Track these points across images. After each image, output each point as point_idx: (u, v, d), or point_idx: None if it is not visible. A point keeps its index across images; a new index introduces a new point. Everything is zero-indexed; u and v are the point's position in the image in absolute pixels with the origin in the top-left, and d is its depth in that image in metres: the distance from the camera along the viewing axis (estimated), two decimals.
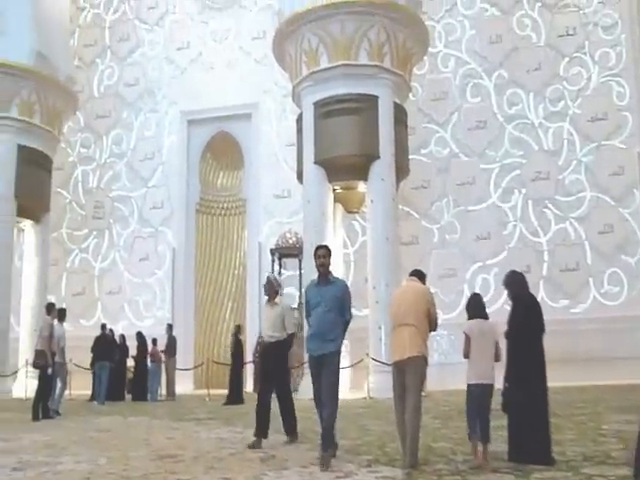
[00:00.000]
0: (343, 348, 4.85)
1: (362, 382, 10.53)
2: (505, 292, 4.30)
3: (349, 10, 11.23)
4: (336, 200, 12.17)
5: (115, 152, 16.42)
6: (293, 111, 13.28)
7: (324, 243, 5.24)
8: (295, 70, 12.04)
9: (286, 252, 13.51)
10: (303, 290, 12.48)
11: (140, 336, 12.37)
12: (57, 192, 15.92)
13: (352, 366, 10.76)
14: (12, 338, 13.67)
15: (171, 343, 12.36)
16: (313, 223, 11.52)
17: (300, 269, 12.81)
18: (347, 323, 4.73)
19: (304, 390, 8.54)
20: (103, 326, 12.39)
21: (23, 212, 14.38)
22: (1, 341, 13.29)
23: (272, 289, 5.86)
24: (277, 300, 5.85)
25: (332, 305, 4.65)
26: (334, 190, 11.95)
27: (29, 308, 14.37)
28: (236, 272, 15.83)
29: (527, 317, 4.06)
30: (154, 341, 12.38)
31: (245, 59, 15.46)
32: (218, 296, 15.75)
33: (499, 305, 9.69)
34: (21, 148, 14.20)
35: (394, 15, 11.49)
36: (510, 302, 4.17)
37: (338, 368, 4.63)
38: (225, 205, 15.97)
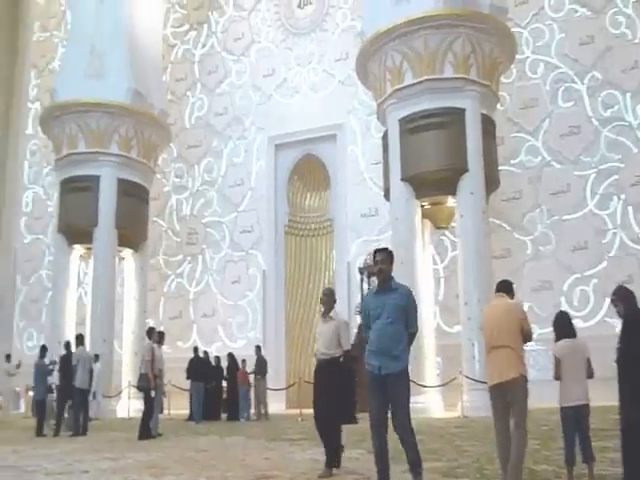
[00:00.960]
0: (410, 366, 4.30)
1: (456, 401, 10.23)
2: (610, 305, 4.00)
3: (432, 24, 11.10)
4: (424, 216, 11.99)
5: (206, 180, 16.97)
6: (378, 129, 13.28)
7: (383, 246, 4.67)
8: (379, 88, 12.03)
9: (374, 270, 13.31)
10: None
11: (231, 357, 12.61)
12: (154, 221, 16.62)
13: (445, 384, 10.50)
14: (115, 360, 14.29)
15: (260, 364, 12.46)
16: (401, 240, 11.37)
17: None
18: (412, 336, 4.21)
19: None
20: (195, 349, 12.86)
21: (123, 241, 15.05)
22: (105, 364, 13.88)
23: (331, 302, 5.45)
24: (332, 314, 5.45)
25: (395, 315, 4.12)
26: (422, 206, 11.79)
27: (130, 332, 15.03)
28: None
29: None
30: (243, 362, 12.55)
31: (329, 81, 15.63)
32: (308, 316, 15.79)
33: (599, 318, 9.19)
34: (120, 181, 14.86)
35: (479, 25, 11.25)
36: (620, 318, 3.85)
37: (408, 391, 4.10)
38: (313, 226, 16.11)
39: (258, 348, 12.72)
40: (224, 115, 16.88)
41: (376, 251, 4.38)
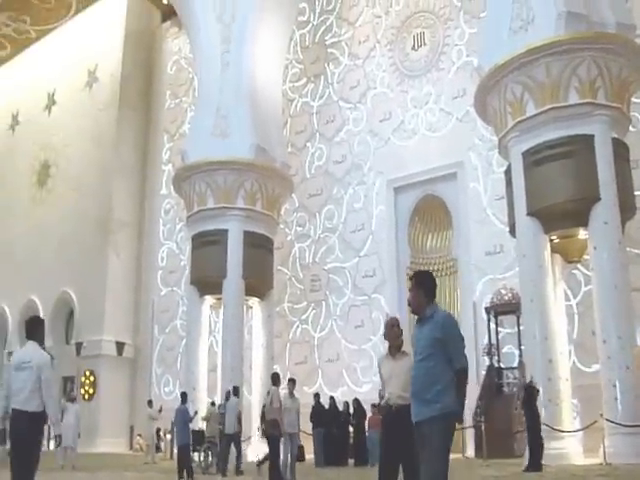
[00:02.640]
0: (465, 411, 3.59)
1: (597, 446, 9.34)
2: None
3: (553, 51, 10.56)
4: (554, 251, 11.33)
5: (328, 227, 17.19)
6: (500, 163, 12.88)
7: (421, 270, 4.21)
8: (500, 122, 11.69)
9: (502, 309, 12.85)
10: (521, 348, 11.81)
11: (357, 402, 12.43)
12: (278, 270, 16.99)
13: (584, 429, 9.65)
14: (245, 406, 14.50)
15: None
16: (530, 277, 10.76)
17: (518, 326, 12.04)
18: (461, 374, 3.45)
19: None
20: (316, 395, 12.86)
21: (250, 291, 15.46)
22: (231, 410, 14.10)
23: (396, 335, 4.68)
24: (404, 349, 4.66)
25: (429, 351, 3.50)
26: (551, 240, 11.16)
27: (259, 378, 15.26)
28: None
29: None
30: (374, 406, 12.29)
31: (447, 119, 15.47)
32: None
33: None
34: (247, 233, 15.33)
35: (605, 46, 10.55)
36: None
37: (442, 445, 3.39)
38: (436, 267, 15.70)
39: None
40: (343, 162, 17.16)
41: (411, 277, 3.89)
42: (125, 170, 21.82)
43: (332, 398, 12.82)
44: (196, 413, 12.40)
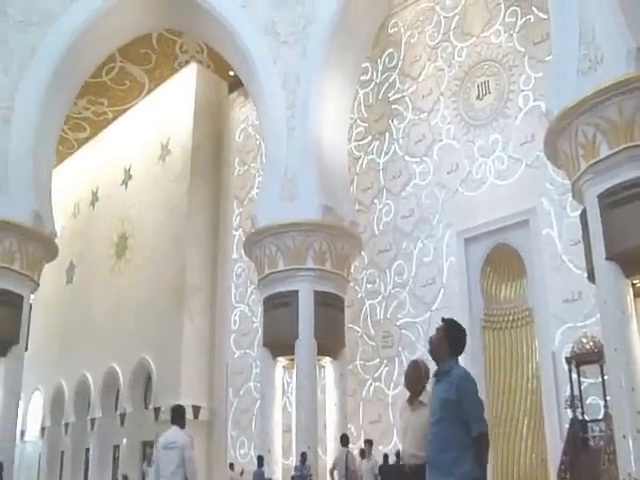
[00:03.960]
0: None
1: None
2: None
3: (624, 89, 10.14)
4: (637, 295, 10.74)
5: (398, 282, 16.97)
6: (574, 207, 12.48)
7: (455, 321, 3.75)
8: (572, 166, 11.32)
9: (584, 359, 12.21)
10: (606, 399, 11.12)
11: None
12: (349, 327, 16.81)
13: None
14: (321, 466, 14.16)
15: None
16: (612, 324, 10.14)
17: (602, 375, 11.38)
18: (480, 440, 3.09)
19: None
20: (385, 456, 12.46)
21: (322, 350, 15.31)
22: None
23: (417, 380, 4.29)
24: (423, 399, 4.32)
25: (441, 413, 3.26)
26: (633, 285, 10.58)
27: (333, 438, 14.93)
28: (529, 385, 14.57)
29: None
30: None
31: (516, 166, 15.22)
32: (512, 413, 14.56)
33: None
34: (317, 293, 15.30)
35: None
36: None
37: None
38: (511, 317, 15.17)
39: None
40: (411, 217, 17.07)
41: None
42: (197, 237, 22.44)
43: (398, 453, 12.37)
44: None
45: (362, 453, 13.72)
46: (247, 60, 17.06)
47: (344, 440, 13.21)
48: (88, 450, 23.93)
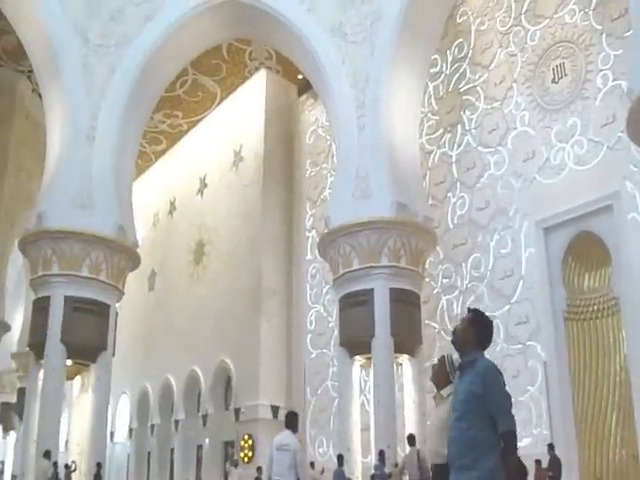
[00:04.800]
0: None
1: None
2: None
3: None
4: None
5: (475, 276, 16.61)
6: None
7: (481, 311, 3.47)
8: None
9: None
10: None
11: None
12: (426, 324, 16.51)
13: None
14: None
15: (555, 464, 11.20)
16: None
17: None
18: (507, 438, 2.90)
19: None
20: None
21: (399, 348, 15.09)
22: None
23: (442, 375, 4.09)
24: (445, 392, 4.06)
25: (465, 407, 3.01)
26: None
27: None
28: (617, 379, 13.94)
29: None
30: (537, 462, 11.37)
31: (596, 150, 14.65)
32: (600, 407, 13.97)
33: None
34: (392, 291, 15.10)
35: None
36: None
37: None
38: (595, 307, 14.54)
39: (550, 446, 11.56)
40: (486, 209, 16.70)
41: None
42: (272, 240, 22.70)
43: None
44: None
45: None
46: (316, 62, 17.14)
47: (411, 440, 12.97)
48: (173, 450, 24.57)
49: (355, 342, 15.21)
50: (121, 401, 28.26)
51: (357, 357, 15.45)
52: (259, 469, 14.80)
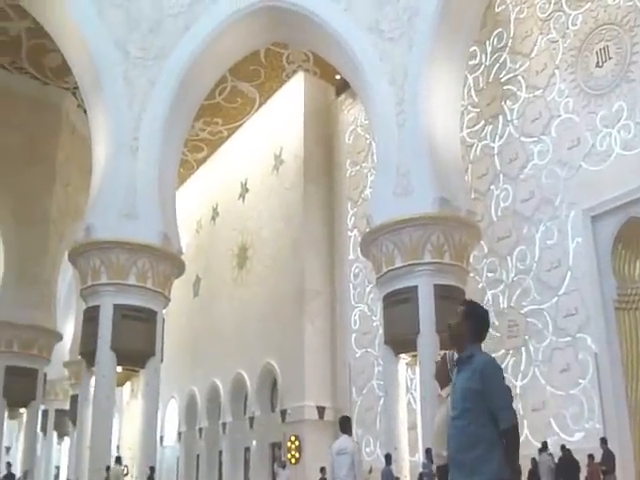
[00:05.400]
0: None
1: None
2: None
3: None
4: None
5: (520, 269, 16.27)
6: None
7: (476, 303, 3.34)
8: None
9: None
10: None
11: (566, 452, 11.27)
12: None
13: None
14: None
15: (608, 458, 10.85)
16: None
17: None
18: (508, 435, 2.77)
19: None
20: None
21: (445, 345, 14.71)
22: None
23: (444, 373, 3.97)
24: (445, 392, 3.95)
25: (464, 405, 2.88)
26: None
27: None
28: None
29: None
30: (590, 457, 11.04)
31: None
32: None
33: None
34: (436, 287, 14.84)
35: None
36: None
37: None
38: None
39: (603, 441, 11.22)
40: (531, 199, 16.36)
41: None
42: (314, 242, 22.69)
43: (565, 449, 11.71)
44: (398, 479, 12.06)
45: None
46: (353, 61, 17.10)
47: None
48: (221, 453, 24.76)
49: (400, 340, 15.03)
50: (170, 405, 28.62)
51: (402, 355, 15.25)
52: (322, 469, 14.78)
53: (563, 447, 12.30)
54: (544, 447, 12.58)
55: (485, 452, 2.85)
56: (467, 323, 3.16)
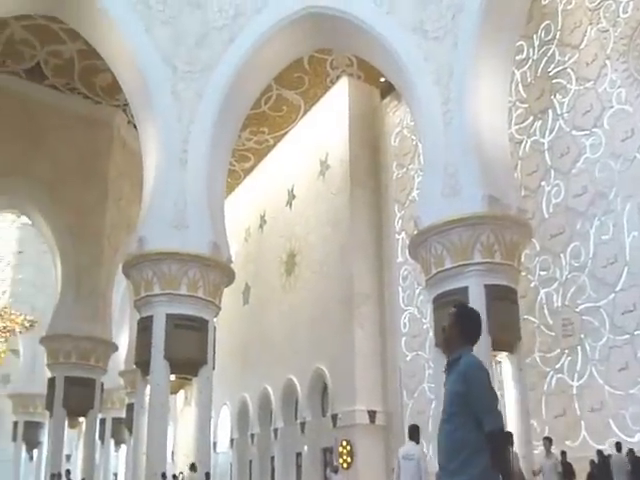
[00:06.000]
0: None
1: None
2: None
3: None
4: None
5: (575, 266, 15.82)
6: None
7: (468, 305, 3.29)
8: None
9: None
10: None
11: (632, 454, 10.85)
12: (525, 319, 15.85)
13: None
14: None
15: None
16: None
17: None
18: (492, 438, 2.69)
19: None
20: (563, 453, 11.41)
21: (497, 345, 14.45)
22: None
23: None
24: None
25: (450, 409, 2.89)
26: None
27: (515, 435, 13.99)
28: None
29: None
30: None
31: None
32: None
33: None
34: (487, 287, 14.55)
35: None
36: None
37: None
38: None
39: None
40: (584, 194, 15.91)
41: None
42: (362, 246, 22.61)
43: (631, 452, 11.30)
44: None
45: (548, 450, 12.98)
46: (397, 63, 16.99)
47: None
48: (273, 458, 24.83)
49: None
50: (222, 412, 28.91)
51: None
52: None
53: (618, 445, 11.90)
54: (618, 448, 12.14)
55: (470, 455, 2.79)
56: (458, 326, 3.14)
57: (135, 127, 19.34)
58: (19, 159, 22.01)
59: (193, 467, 14.56)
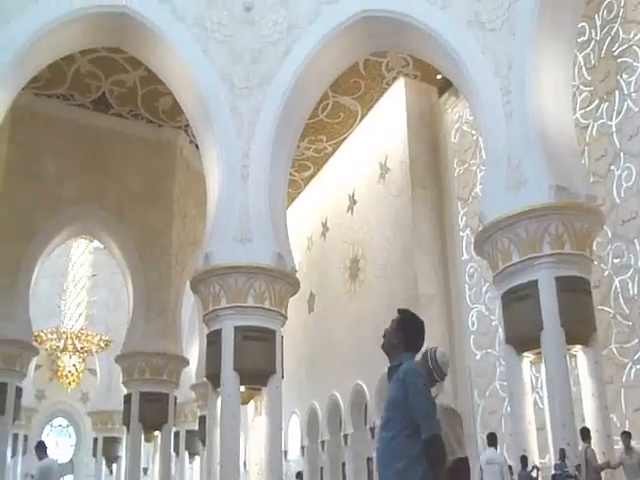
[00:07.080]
0: None
1: None
2: None
3: None
4: None
5: None
6: None
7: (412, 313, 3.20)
8: None
9: None
10: None
11: None
12: (599, 310, 15.22)
13: None
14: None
15: None
16: None
17: None
18: (428, 446, 2.61)
19: None
20: None
21: (571, 338, 13.93)
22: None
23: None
24: (434, 391, 3.86)
25: (387, 415, 2.83)
26: None
27: (594, 431, 13.35)
28: None
29: None
30: None
31: None
32: None
33: None
34: (558, 279, 14.02)
35: None
36: None
37: None
38: None
39: None
40: None
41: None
42: (425, 246, 22.29)
43: None
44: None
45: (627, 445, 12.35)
46: (454, 59, 16.73)
47: (584, 434, 11.84)
48: (344, 464, 24.65)
49: (522, 338, 14.30)
50: (292, 420, 28.91)
51: (526, 353, 14.50)
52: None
53: None
54: None
55: (407, 464, 2.74)
56: (400, 333, 3.12)
57: (197, 146, 19.89)
58: (90, 187, 22.94)
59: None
